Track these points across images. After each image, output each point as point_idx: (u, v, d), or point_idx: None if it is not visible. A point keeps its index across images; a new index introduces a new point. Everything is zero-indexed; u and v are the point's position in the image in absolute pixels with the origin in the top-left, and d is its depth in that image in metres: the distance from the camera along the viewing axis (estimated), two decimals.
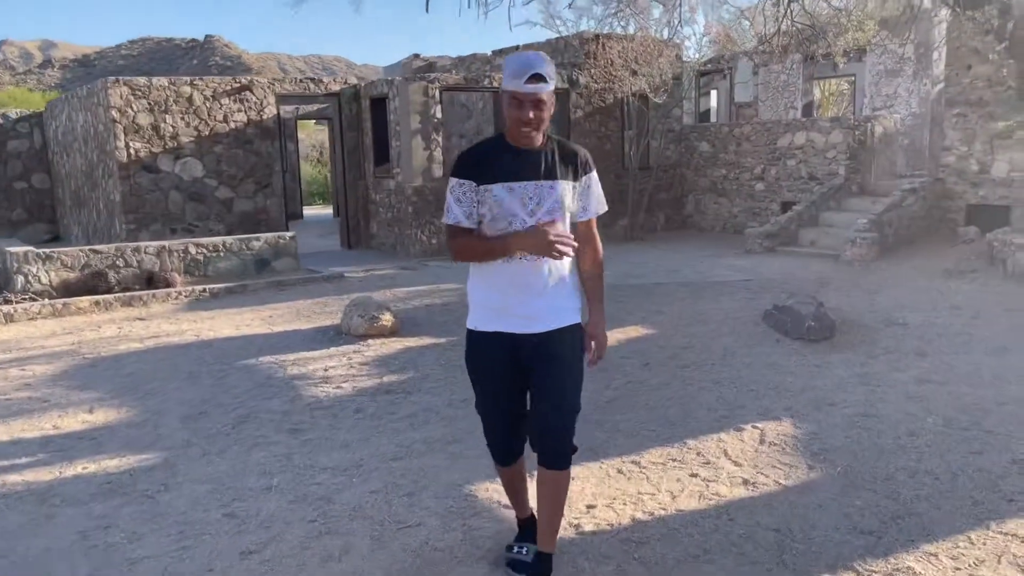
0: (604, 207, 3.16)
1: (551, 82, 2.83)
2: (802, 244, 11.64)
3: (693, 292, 8.77)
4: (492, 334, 3.00)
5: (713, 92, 19.40)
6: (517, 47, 14.04)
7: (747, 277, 9.64)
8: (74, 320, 8.37)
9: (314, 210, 21.94)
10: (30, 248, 9.29)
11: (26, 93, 41.93)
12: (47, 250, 9.24)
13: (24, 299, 8.70)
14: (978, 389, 5.34)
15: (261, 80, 11.93)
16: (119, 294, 8.97)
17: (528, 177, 2.88)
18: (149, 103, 11.11)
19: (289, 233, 10.55)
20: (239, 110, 11.70)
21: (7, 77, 63.99)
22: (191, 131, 11.40)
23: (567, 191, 2.95)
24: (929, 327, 6.97)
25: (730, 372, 5.88)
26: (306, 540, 3.51)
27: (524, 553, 3.23)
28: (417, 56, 16.32)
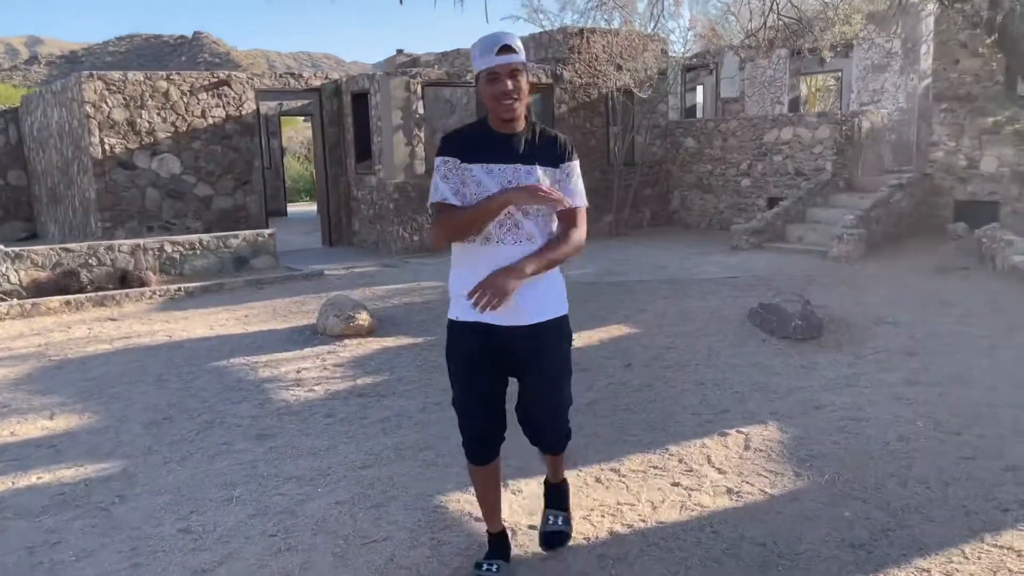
0: (584, 198, 2.98)
1: (521, 54, 2.78)
2: (789, 240, 11.50)
3: (678, 290, 8.61)
4: (472, 324, 2.91)
5: (699, 87, 19.25)
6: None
7: (733, 274, 9.48)
8: (43, 321, 8.13)
9: (301, 207, 21.67)
10: None
11: (10, 89, 41.46)
12: (16, 249, 8.99)
13: None
14: (969, 391, 5.19)
15: (240, 75, 11.67)
16: (91, 294, 8.73)
17: (507, 160, 2.83)
18: (124, 98, 10.85)
19: (268, 231, 10.33)
20: (217, 105, 11.45)
21: None
22: (168, 127, 11.14)
23: (545, 177, 2.86)
24: (918, 326, 6.82)
25: (715, 373, 5.71)
26: (264, 557, 3.31)
27: (494, 570, 3.11)
28: (401, 52, 16.10)
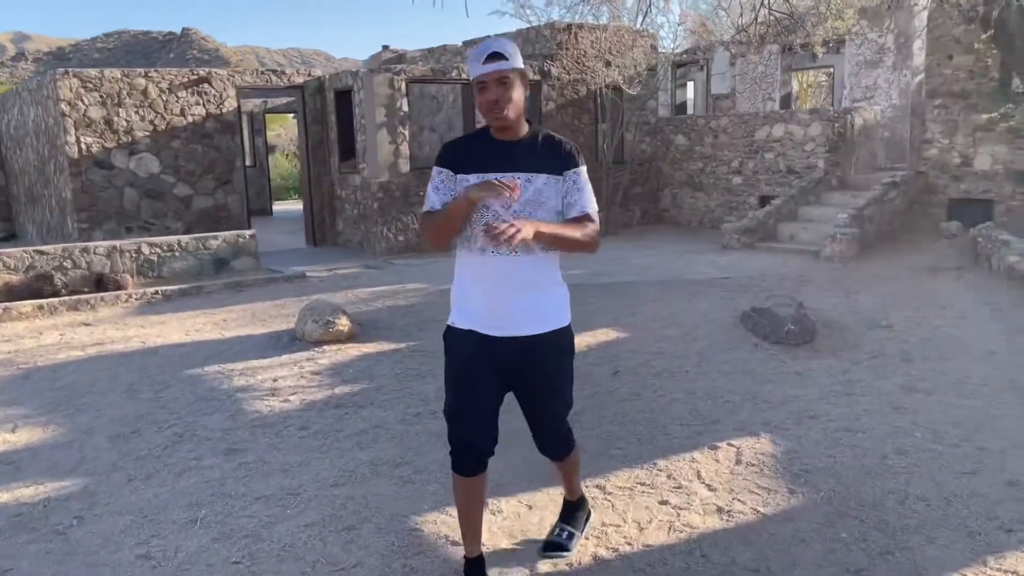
0: (595, 204, 2.90)
1: (512, 60, 2.70)
2: (781, 239, 11.33)
3: (667, 292, 8.42)
4: (467, 331, 2.89)
5: (689, 84, 19.07)
6: (488, 37, 13.62)
7: (724, 275, 9.30)
8: (15, 326, 7.89)
9: (290, 205, 21.36)
10: None
11: None
12: None
13: None
14: (968, 399, 5.02)
15: (220, 72, 11.41)
16: (65, 298, 8.49)
17: (505, 169, 2.76)
18: (101, 96, 10.58)
19: (249, 231, 10.10)
20: (197, 103, 11.19)
21: None
22: (146, 125, 10.88)
23: (546, 185, 2.79)
24: (914, 329, 6.65)
25: (705, 381, 5.52)
26: None
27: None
28: (387, 48, 15.86)
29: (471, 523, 3.04)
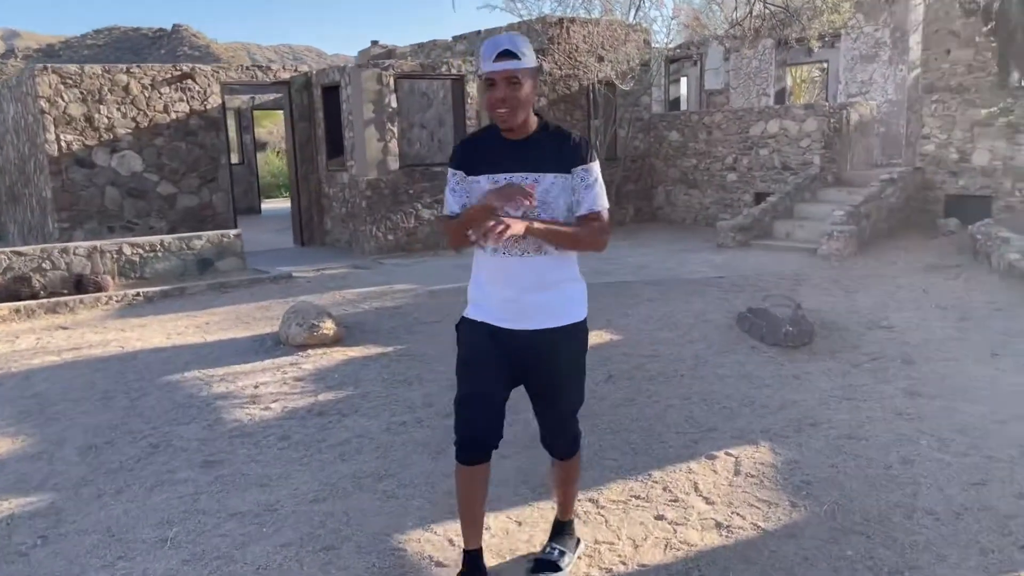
0: (605, 202, 2.82)
1: (525, 59, 2.63)
2: (776, 237, 11.15)
3: (662, 292, 8.23)
4: (480, 322, 2.89)
5: (683, 79, 18.88)
6: (478, 32, 13.42)
7: (719, 274, 9.12)
8: None
9: (279, 203, 21.09)
10: None
11: None
12: None
13: None
14: (973, 404, 4.85)
15: (204, 68, 11.17)
16: (43, 300, 8.26)
17: (513, 169, 2.72)
18: (81, 92, 10.33)
19: (234, 231, 9.87)
20: (181, 99, 10.95)
21: None
22: (128, 122, 10.64)
23: (554, 184, 2.72)
24: (915, 330, 6.48)
25: (701, 386, 5.33)
26: None
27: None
28: (376, 43, 15.61)
29: (472, 514, 2.94)
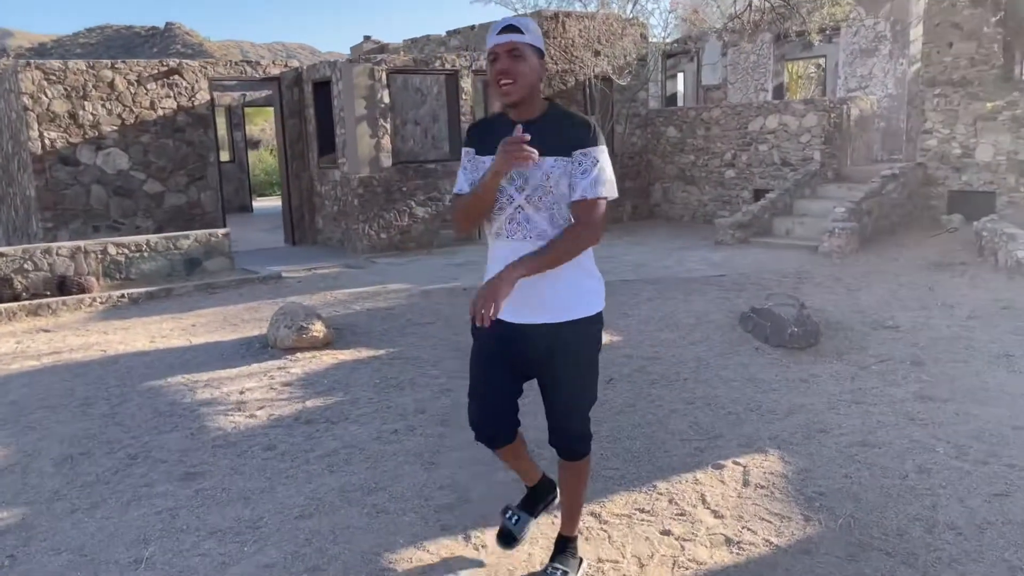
0: (602, 190, 2.63)
1: (528, 34, 2.60)
2: (776, 234, 10.96)
3: (661, 291, 8.03)
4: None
5: (679, 75, 18.68)
6: (473, 27, 13.19)
7: (720, 272, 8.92)
8: None
9: (272, 201, 20.78)
10: None
11: None
12: None
13: None
14: (988, 407, 4.65)
15: (191, 63, 10.92)
16: (25, 302, 8.02)
17: None
18: (65, 88, 10.08)
19: (222, 230, 9.64)
20: (168, 96, 10.70)
21: None
22: (114, 119, 10.39)
23: (554, 168, 2.62)
24: (922, 330, 6.29)
25: (705, 390, 5.13)
26: None
27: (513, 522, 3.11)
28: (368, 38, 15.38)
29: (520, 469, 3.13)
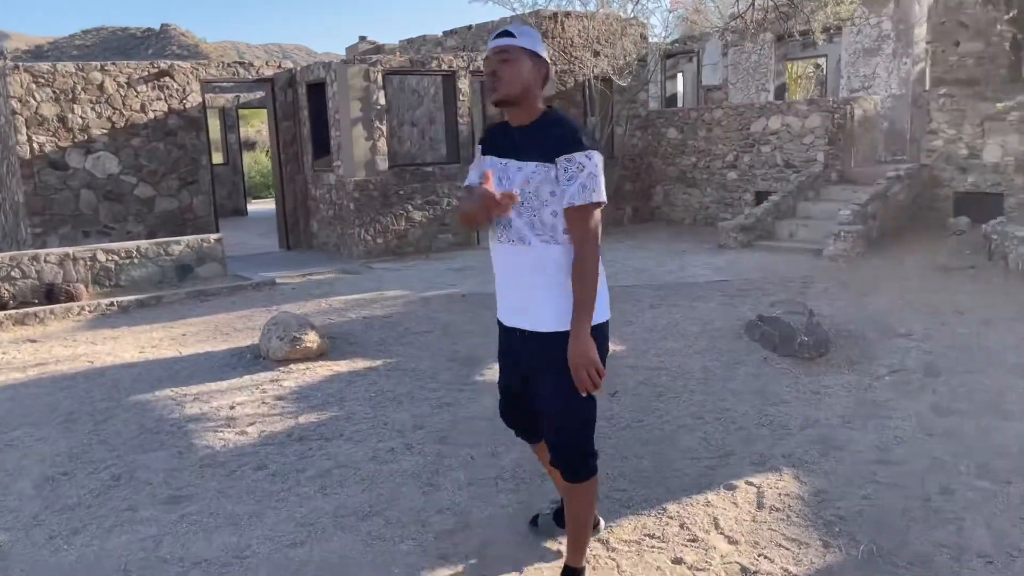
0: (590, 195, 2.62)
1: (519, 38, 2.63)
2: (780, 238, 10.77)
3: (664, 297, 7.84)
4: (500, 320, 2.93)
5: (679, 75, 18.50)
6: (470, 27, 13.00)
7: (723, 277, 8.73)
8: None
9: (268, 204, 20.52)
10: None
11: None
12: None
13: None
14: (1011, 422, 4.47)
15: (183, 64, 10.71)
16: (12, 311, 7.81)
17: (507, 155, 2.70)
18: (54, 91, 9.86)
19: (215, 235, 9.43)
20: (159, 98, 10.49)
21: None
22: (104, 122, 10.17)
23: (535, 173, 2.61)
24: (935, 337, 6.10)
25: (713, 403, 4.94)
26: None
27: (546, 511, 3.28)
28: (364, 39, 15.19)
29: (551, 476, 3.14)
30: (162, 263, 8.91)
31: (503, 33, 2.65)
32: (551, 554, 3.23)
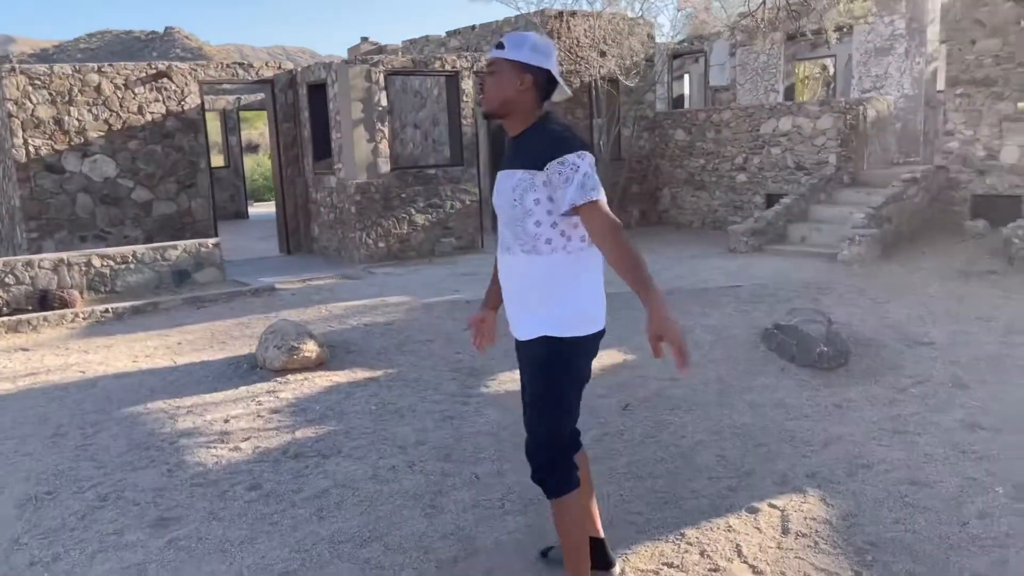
0: (591, 194, 2.50)
1: (507, 50, 2.59)
2: (792, 242, 10.53)
3: (676, 303, 7.59)
4: None
5: (686, 76, 18.27)
6: (473, 27, 12.79)
7: (734, 283, 8.49)
8: None
9: (270, 207, 20.32)
10: None
11: None
12: None
13: None
14: None
15: (181, 65, 10.51)
16: (5, 318, 7.61)
17: (505, 166, 2.69)
18: (50, 93, 9.67)
19: (212, 240, 9.22)
20: (157, 100, 10.28)
21: None
22: (101, 125, 9.97)
23: (521, 181, 2.57)
24: (959, 346, 5.86)
25: (731, 417, 4.70)
26: None
27: (558, 545, 3.00)
28: (366, 39, 14.98)
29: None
30: (159, 268, 8.71)
31: (497, 45, 2.63)
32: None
